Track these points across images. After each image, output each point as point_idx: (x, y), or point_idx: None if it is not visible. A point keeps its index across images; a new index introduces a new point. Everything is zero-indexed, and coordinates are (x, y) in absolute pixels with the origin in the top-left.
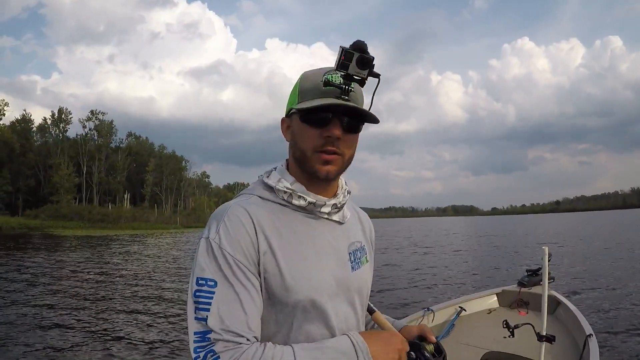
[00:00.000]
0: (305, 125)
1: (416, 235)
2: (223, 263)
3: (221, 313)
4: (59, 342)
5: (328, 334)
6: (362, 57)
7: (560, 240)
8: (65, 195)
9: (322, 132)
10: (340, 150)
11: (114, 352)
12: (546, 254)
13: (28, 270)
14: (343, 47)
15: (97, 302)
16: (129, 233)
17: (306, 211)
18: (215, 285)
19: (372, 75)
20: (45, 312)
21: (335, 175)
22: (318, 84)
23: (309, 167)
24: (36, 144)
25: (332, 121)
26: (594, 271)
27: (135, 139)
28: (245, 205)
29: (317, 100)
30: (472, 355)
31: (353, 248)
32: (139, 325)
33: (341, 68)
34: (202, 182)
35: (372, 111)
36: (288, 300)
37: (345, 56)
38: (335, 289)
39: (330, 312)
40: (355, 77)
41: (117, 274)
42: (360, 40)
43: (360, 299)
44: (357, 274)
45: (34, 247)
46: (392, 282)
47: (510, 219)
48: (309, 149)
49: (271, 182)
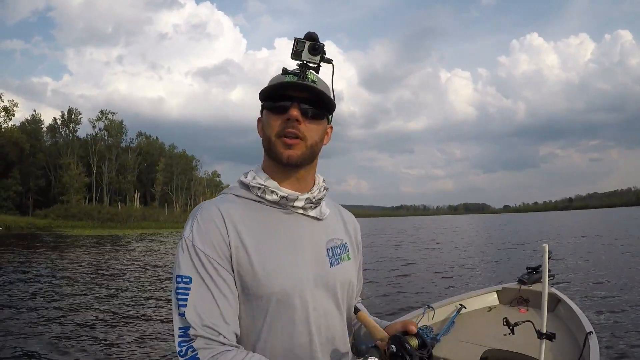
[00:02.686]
0: (269, 113)
1: (417, 233)
2: (196, 260)
3: (197, 308)
4: (58, 344)
5: (305, 328)
6: (313, 44)
7: (562, 238)
8: (75, 195)
9: (283, 117)
10: (301, 133)
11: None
12: (546, 251)
13: (26, 268)
14: (296, 38)
15: (86, 301)
16: (137, 232)
17: (280, 206)
18: (190, 281)
19: (324, 61)
20: (35, 314)
21: (298, 159)
22: (279, 76)
23: (274, 153)
24: (46, 144)
25: (291, 106)
26: (595, 268)
27: (145, 139)
28: (218, 203)
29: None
30: (472, 353)
31: (332, 244)
32: (138, 327)
33: (295, 56)
34: (213, 181)
35: (334, 98)
36: (261, 294)
37: (297, 45)
38: (312, 283)
39: (307, 306)
40: (310, 64)
41: (116, 272)
42: (310, 32)
43: (342, 294)
44: (337, 270)
45: (35, 246)
46: (392, 279)
47: (521, 217)
48: (273, 135)
49: (246, 180)
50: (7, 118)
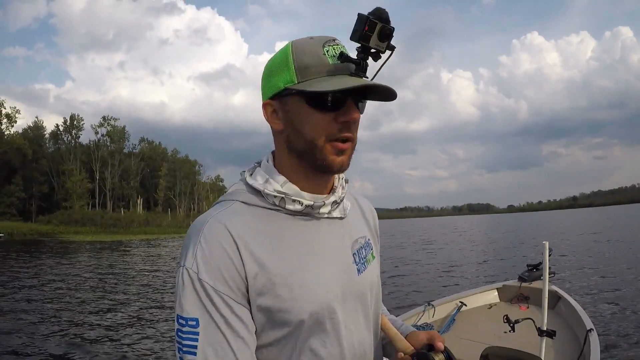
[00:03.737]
0: (312, 109)
1: (420, 233)
2: (204, 297)
3: (209, 357)
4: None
5: (337, 349)
6: (385, 27)
7: (563, 236)
8: (78, 201)
9: (337, 117)
10: (354, 135)
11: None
12: (546, 249)
13: (25, 275)
14: (366, 16)
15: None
16: (140, 238)
17: (302, 214)
18: (198, 324)
19: (389, 49)
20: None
21: (348, 166)
22: (321, 58)
23: (320, 159)
24: (49, 150)
25: (351, 105)
26: (595, 265)
27: (148, 144)
28: (225, 219)
29: (331, 80)
30: (472, 350)
31: (357, 246)
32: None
33: (362, 40)
34: (217, 185)
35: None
36: (290, 321)
37: (368, 26)
38: (341, 298)
39: (338, 326)
40: (373, 51)
41: (114, 278)
42: (381, 8)
43: (371, 300)
44: (365, 276)
45: (36, 252)
46: (393, 277)
47: (524, 217)
48: (321, 138)
49: (258, 184)
50: (10, 125)
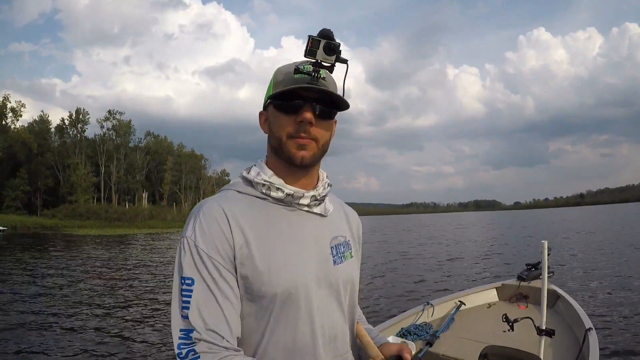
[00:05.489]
0: (279, 112)
1: (421, 230)
2: (198, 261)
3: (201, 311)
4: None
5: (308, 328)
6: (328, 43)
7: (563, 234)
8: (83, 195)
9: (296, 118)
10: (313, 135)
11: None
12: (545, 248)
13: (21, 270)
14: (310, 36)
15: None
16: (144, 232)
17: (285, 203)
18: (193, 283)
19: (339, 61)
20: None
21: (311, 160)
22: (290, 74)
23: (285, 153)
24: (54, 144)
25: (304, 107)
26: (595, 264)
27: (153, 138)
28: (221, 200)
29: (288, 88)
30: (471, 350)
31: (336, 242)
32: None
33: (309, 55)
34: (222, 179)
35: (344, 97)
36: (265, 293)
37: (312, 44)
38: (315, 282)
39: (311, 305)
40: (324, 64)
41: (113, 272)
42: (326, 29)
43: (345, 293)
44: (340, 268)
45: (36, 246)
46: (393, 276)
47: (529, 214)
48: (284, 135)
49: (250, 176)
50: (15, 119)
